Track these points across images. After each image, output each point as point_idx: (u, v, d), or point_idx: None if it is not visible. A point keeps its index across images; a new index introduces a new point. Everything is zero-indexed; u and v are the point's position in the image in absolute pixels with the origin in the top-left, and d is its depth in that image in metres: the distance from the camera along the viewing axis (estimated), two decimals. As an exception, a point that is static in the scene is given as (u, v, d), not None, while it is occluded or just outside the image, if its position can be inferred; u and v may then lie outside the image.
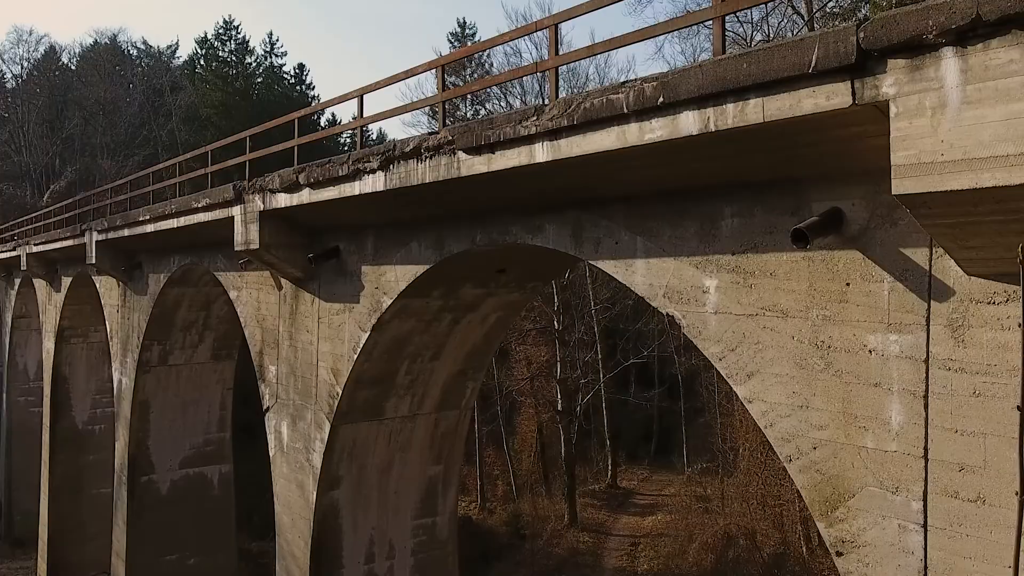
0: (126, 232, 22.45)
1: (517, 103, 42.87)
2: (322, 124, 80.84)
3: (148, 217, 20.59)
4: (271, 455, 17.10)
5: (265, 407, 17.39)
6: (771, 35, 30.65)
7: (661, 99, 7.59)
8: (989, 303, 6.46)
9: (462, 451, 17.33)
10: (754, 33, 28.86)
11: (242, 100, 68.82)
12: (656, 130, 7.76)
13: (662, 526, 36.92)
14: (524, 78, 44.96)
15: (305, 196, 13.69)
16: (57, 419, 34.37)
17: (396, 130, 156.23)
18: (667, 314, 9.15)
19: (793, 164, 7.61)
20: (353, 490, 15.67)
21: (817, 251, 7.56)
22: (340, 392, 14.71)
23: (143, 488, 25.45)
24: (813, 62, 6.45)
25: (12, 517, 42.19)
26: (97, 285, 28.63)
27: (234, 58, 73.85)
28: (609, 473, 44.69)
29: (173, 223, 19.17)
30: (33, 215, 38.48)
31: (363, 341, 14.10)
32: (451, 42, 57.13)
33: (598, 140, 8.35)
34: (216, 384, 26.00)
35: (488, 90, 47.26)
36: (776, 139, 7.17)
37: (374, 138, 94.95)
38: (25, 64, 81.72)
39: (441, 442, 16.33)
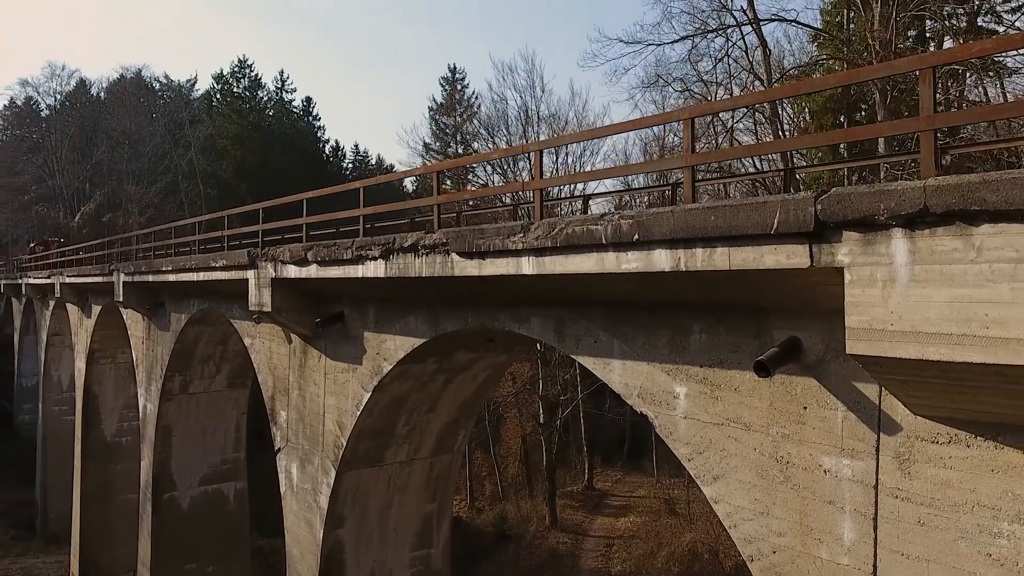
0: (150, 278, 22.27)
1: (503, 143, 42.66)
2: (326, 153, 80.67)
3: (170, 268, 20.42)
4: (282, 491, 16.95)
5: (277, 447, 17.24)
6: (730, 75, 30.51)
7: (636, 236, 7.52)
8: (933, 442, 6.42)
9: (455, 488, 17.22)
10: (717, 91, 28.77)
11: (255, 132, 68.60)
12: (632, 262, 7.69)
13: (634, 527, 36.79)
14: (509, 112, 45.09)
15: (313, 271, 13.57)
16: (88, 432, 34.11)
17: (390, 155, 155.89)
18: (640, 412, 9.08)
19: (756, 296, 7.56)
20: (356, 528, 15.55)
21: (777, 374, 7.49)
22: (344, 443, 14.59)
23: (166, 504, 25.28)
24: (775, 225, 6.39)
25: (47, 515, 41.93)
26: (124, 316, 28.38)
27: (247, 93, 73.55)
28: (586, 475, 44.62)
29: (193, 276, 19.00)
30: (66, 248, 38.18)
31: (365, 400, 13.99)
32: (443, 86, 57.12)
33: (579, 263, 8.28)
34: (232, 410, 25.83)
35: (478, 129, 47.17)
36: (741, 281, 7.12)
37: (373, 163, 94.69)
38: (58, 96, 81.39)
39: (436, 483, 16.22)
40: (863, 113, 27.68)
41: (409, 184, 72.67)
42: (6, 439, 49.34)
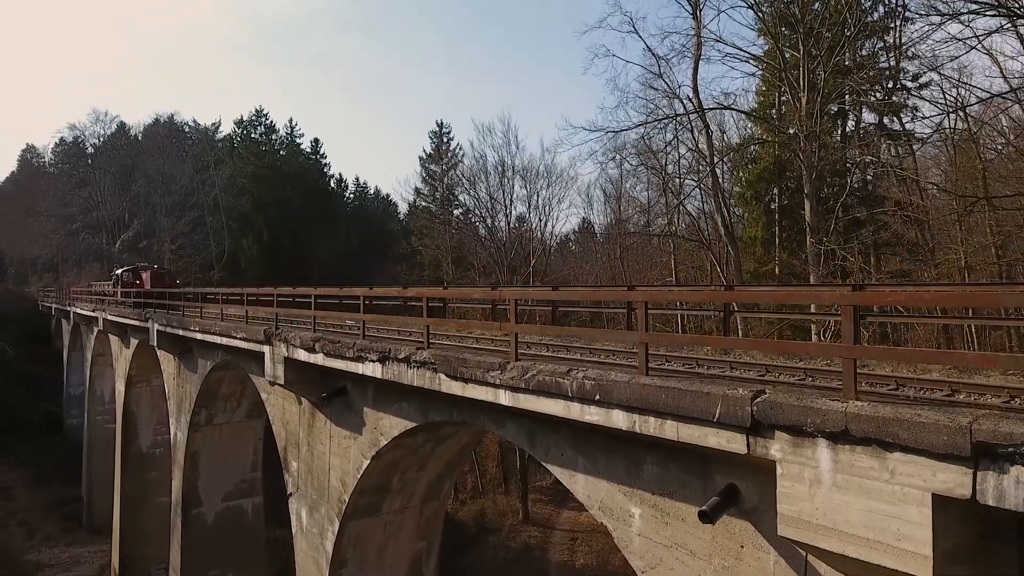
0: (180, 332, 21.91)
1: (483, 192, 42.59)
2: (331, 187, 79.95)
3: (197, 329, 20.10)
4: (293, 531, 16.68)
5: (289, 492, 16.97)
6: (679, 142, 30.53)
7: (598, 396, 7.40)
8: (853, 598, 6.32)
9: (442, 527, 16.97)
10: (666, 158, 28.70)
11: (270, 172, 67.93)
12: (593, 415, 7.57)
13: (596, 521, 36.52)
14: (488, 166, 44.88)
15: (319, 359, 13.35)
16: (127, 445, 33.66)
17: (386, 185, 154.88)
18: (601, 523, 8.94)
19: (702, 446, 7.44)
20: (358, 567, 15.29)
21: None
22: (347, 499, 14.36)
23: (193, 519, 24.92)
24: (716, 415, 6.29)
25: (92, 510, 41.31)
26: (158, 353, 27.90)
27: (263, 137, 72.83)
28: (554, 471, 44.36)
29: (216, 339, 18.70)
30: (110, 291, 37.63)
31: (365, 466, 13.77)
32: (432, 139, 56.69)
33: (548, 405, 8.15)
34: (250, 436, 25.45)
35: (460, 179, 46.92)
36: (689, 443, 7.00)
37: (372, 193, 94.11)
38: (101, 138, 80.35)
39: (426, 526, 15.98)
40: (791, 180, 27.76)
41: (403, 206, 72.43)
42: (57, 442, 48.65)
